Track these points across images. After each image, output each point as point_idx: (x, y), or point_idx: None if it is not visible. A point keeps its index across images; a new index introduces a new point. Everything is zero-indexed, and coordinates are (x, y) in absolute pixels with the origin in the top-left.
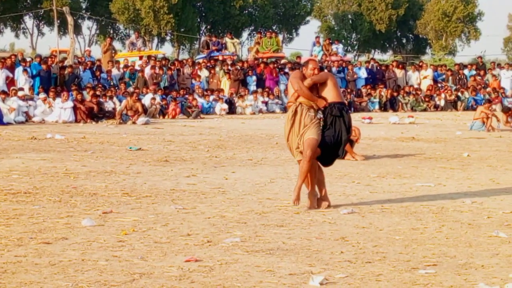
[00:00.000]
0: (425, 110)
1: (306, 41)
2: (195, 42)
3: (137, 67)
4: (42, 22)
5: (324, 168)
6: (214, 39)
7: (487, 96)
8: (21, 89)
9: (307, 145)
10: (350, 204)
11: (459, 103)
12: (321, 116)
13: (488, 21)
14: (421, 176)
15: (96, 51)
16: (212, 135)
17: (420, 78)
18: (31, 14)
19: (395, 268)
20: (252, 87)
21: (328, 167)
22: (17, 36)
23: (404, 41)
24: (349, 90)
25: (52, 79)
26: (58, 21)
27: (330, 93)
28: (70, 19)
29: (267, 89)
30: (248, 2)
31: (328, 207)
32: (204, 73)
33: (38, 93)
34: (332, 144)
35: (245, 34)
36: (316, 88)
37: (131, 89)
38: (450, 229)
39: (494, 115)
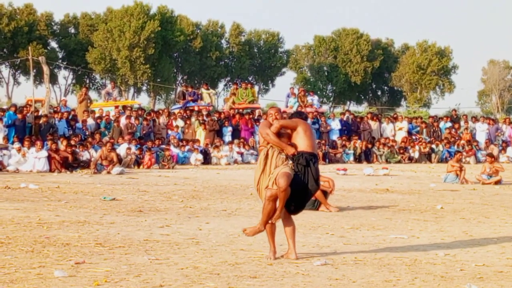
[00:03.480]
0: (399, 162)
1: (282, 92)
2: (171, 92)
3: (111, 117)
4: (18, 72)
5: (297, 219)
6: (190, 89)
7: (460, 149)
8: None
9: (281, 175)
10: (323, 256)
11: (433, 155)
12: (291, 162)
13: (462, 74)
14: (395, 228)
15: (72, 101)
16: (187, 185)
17: (395, 130)
18: (7, 64)
19: None
20: (228, 137)
21: (294, 214)
22: None
23: (379, 93)
24: (323, 142)
25: (27, 128)
26: (34, 71)
27: (300, 141)
28: (46, 69)
29: (242, 140)
30: (224, 53)
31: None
32: (179, 123)
33: (12, 143)
34: (300, 189)
35: (221, 85)
36: (288, 135)
37: (106, 138)
38: (423, 282)
39: (463, 167)
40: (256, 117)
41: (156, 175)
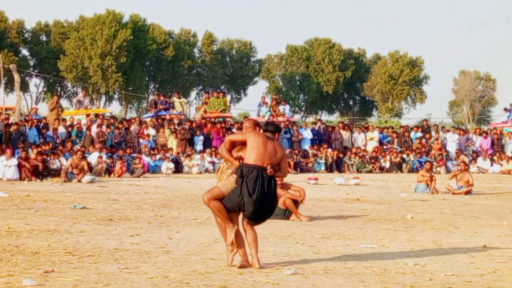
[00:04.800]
0: (370, 171)
1: (254, 101)
2: (143, 101)
3: (83, 125)
4: None
5: (267, 228)
6: (162, 98)
7: (432, 159)
8: None
9: (207, 191)
10: (293, 265)
11: (404, 165)
12: (235, 176)
13: (434, 85)
14: (365, 238)
15: (43, 109)
16: (158, 194)
17: (366, 140)
18: None
19: None
20: (199, 146)
21: (255, 225)
22: None
23: (351, 102)
24: (295, 151)
25: None
26: (5, 78)
27: (247, 153)
28: (16, 77)
29: (214, 149)
30: (196, 62)
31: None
32: (151, 132)
33: None
34: (240, 201)
35: (193, 94)
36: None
37: (77, 147)
38: None
39: (434, 177)
40: (228, 126)
41: (127, 183)
